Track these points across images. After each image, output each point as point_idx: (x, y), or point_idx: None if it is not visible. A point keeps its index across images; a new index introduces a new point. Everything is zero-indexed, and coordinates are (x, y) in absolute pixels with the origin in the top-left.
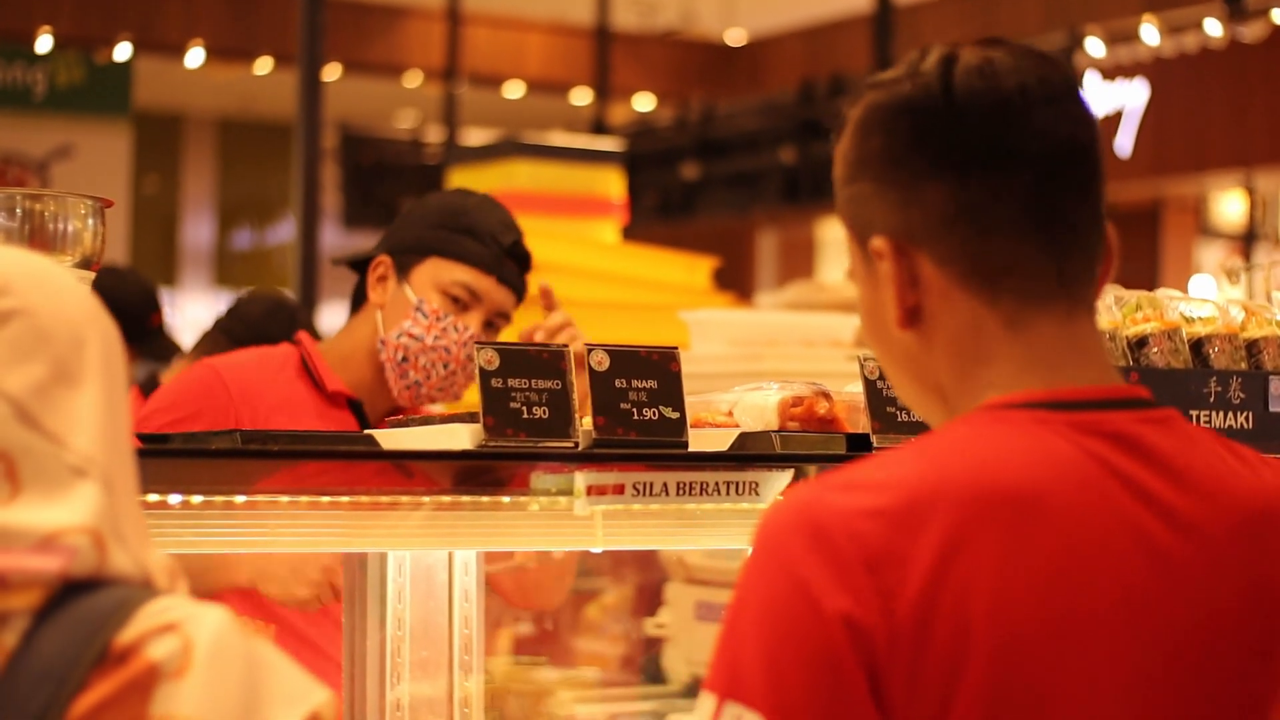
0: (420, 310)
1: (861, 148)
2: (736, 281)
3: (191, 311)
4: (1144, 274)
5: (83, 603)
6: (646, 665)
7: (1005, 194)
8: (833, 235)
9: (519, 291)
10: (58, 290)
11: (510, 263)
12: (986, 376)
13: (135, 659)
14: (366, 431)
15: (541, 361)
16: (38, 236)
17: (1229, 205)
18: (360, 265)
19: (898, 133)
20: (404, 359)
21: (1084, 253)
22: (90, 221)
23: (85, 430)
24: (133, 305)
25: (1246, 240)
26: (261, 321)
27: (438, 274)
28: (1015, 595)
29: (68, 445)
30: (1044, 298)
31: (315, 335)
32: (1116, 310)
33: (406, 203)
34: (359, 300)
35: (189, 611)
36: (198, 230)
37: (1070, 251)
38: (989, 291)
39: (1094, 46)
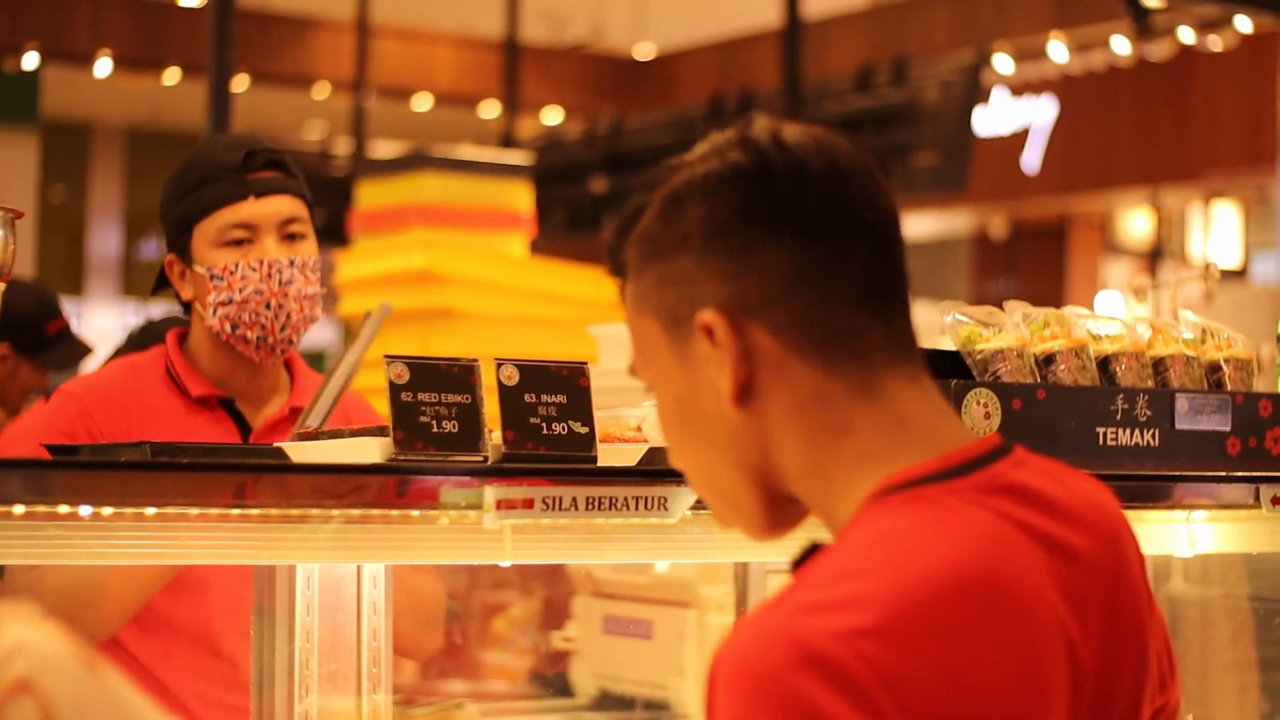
0: (214, 277)
1: (676, 224)
2: None
3: (98, 321)
4: (1049, 290)
5: None
6: (554, 679)
7: (845, 259)
8: None
9: (290, 189)
10: None
11: (258, 173)
12: (856, 446)
13: None
14: (276, 444)
15: (451, 376)
16: None
17: (1135, 222)
18: (163, 278)
19: (727, 200)
20: (234, 328)
21: (907, 322)
22: (0, 232)
23: None
24: (28, 314)
25: (1152, 257)
26: None
27: (206, 236)
28: (1006, 676)
29: None
30: (887, 364)
31: None
32: (1024, 327)
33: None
34: (188, 307)
35: (34, 655)
36: (105, 240)
37: (898, 318)
38: (826, 360)
39: (1002, 63)
